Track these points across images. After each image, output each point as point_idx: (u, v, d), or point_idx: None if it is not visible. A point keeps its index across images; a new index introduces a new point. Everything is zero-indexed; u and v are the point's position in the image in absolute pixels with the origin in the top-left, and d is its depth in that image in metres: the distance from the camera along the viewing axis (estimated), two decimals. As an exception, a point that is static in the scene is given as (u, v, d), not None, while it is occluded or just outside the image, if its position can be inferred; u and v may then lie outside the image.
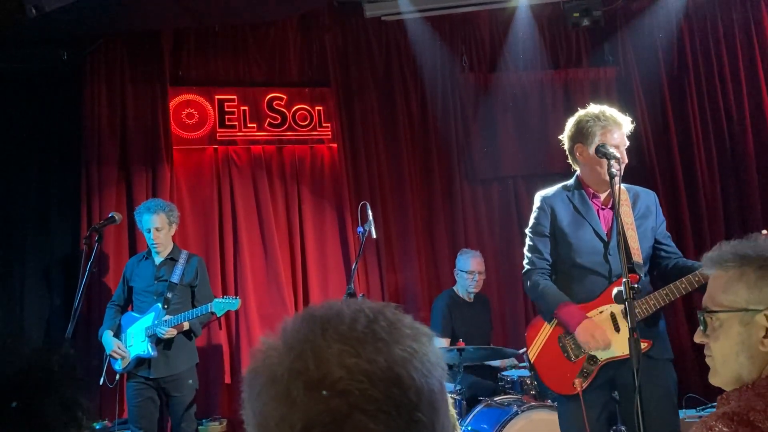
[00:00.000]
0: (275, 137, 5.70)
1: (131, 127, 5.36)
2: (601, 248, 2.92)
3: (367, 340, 0.72)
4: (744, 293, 1.42)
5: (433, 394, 0.72)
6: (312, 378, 0.70)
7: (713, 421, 1.29)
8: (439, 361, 0.77)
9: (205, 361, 5.23)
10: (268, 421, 0.72)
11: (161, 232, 4.28)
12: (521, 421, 3.86)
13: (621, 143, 2.87)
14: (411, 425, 0.70)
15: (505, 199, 6.03)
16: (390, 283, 5.68)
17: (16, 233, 5.04)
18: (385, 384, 0.70)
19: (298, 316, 0.79)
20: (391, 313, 0.78)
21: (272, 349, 0.76)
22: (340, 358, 0.71)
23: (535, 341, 3.03)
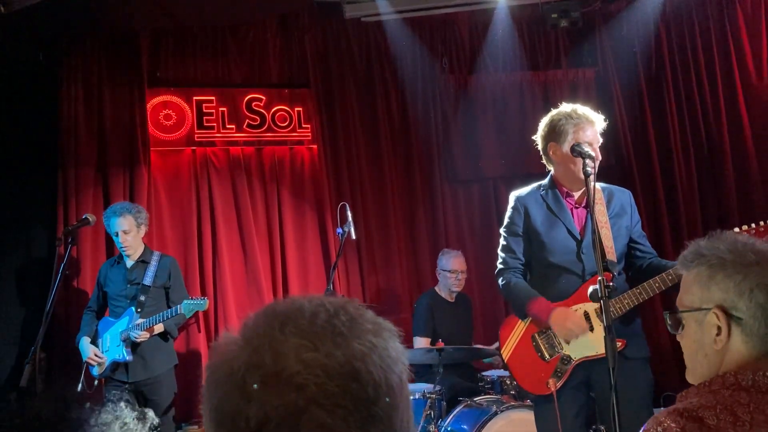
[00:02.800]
0: (254, 138, 5.67)
1: (108, 128, 5.31)
2: (574, 247, 2.93)
3: (325, 335, 0.71)
4: (698, 292, 1.44)
5: (391, 389, 0.72)
6: (269, 372, 0.70)
7: (663, 417, 1.30)
8: (400, 356, 0.76)
9: (184, 364, 5.18)
10: (224, 416, 0.71)
11: (129, 235, 4.24)
12: (500, 421, 3.87)
13: (594, 140, 2.88)
14: (368, 420, 0.69)
15: (485, 199, 6.04)
16: (371, 284, 5.67)
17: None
18: (342, 378, 0.69)
19: (260, 311, 0.78)
20: (353, 308, 0.77)
21: (231, 343, 0.75)
22: (297, 352, 0.70)
23: (509, 340, 3.04)
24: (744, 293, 1.36)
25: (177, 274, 4.46)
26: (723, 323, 1.39)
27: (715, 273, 1.40)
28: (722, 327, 1.39)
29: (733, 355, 1.38)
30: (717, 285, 1.39)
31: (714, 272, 1.40)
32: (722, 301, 1.39)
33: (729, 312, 1.38)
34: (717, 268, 1.40)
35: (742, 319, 1.37)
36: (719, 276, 1.39)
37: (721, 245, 1.42)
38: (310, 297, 0.78)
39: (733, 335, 1.38)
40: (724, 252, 1.40)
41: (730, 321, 1.38)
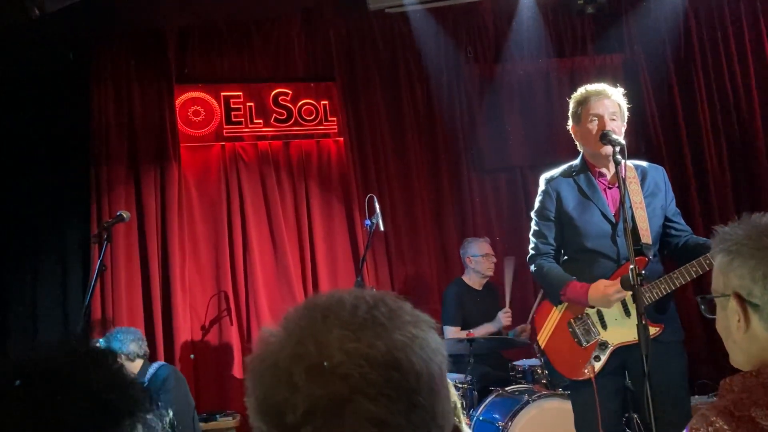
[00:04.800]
0: (281, 132, 5.71)
1: (138, 125, 5.39)
2: (609, 231, 2.89)
3: (367, 326, 0.73)
4: (720, 278, 1.41)
5: (432, 378, 0.73)
6: (313, 362, 0.71)
7: (714, 416, 1.25)
8: (440, 347, 0.78)
9: (217, 356, 5.29)
10: (270, 407, 0.73)
11: None
12: (533, 410, 3.86)
13: (606, 111, 2.86)
14: (411, 409, 0.71)
15: (512, 188, 6.02)
16: (399, 274, 5.69)
17: (29, 233, 5.07)
18: (385, 368, 0.71)
19: (300, 305, 0.80)
20: (392, 301, 0.79)
21: (274, 336, 0.77)
22: (340, 343, 0.72)
23: (544, 327, 3.03)
24: (758, 279, 1.33)
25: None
26: (740, 310, 1.36)
27: (732, 259, 1.37)
28: (740, 314, 1.36)
29: (762, 342, 1.34)
30: (734, 271, 1.37)
31: (731, 258, 1.38)
32: (738, 287, 1.36)
33: (745, 298, 1.35)
34: (734, 254, 1.37)
35: (759, 305, 1.33)
36: (736, 262, 1.37)
37: (740, 230, 1.39)
38: (348, 290, 0.80)
39: (752, 322, 1.35)
40: (741, 237, 1.37)
41: (746, 307, 1.35)
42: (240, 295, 5.41)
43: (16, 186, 5.03)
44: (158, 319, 5.11)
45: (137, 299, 5.13)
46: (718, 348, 4.45)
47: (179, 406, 4.19)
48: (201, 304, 5.37)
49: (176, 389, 4.24)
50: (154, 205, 5.31)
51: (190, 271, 5.36)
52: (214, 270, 5.44)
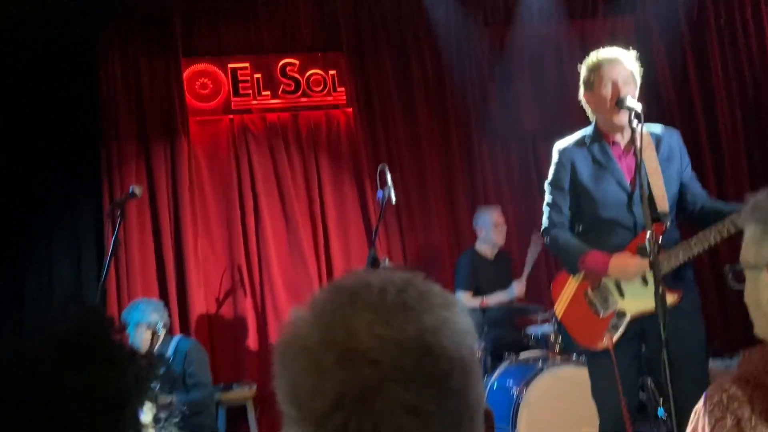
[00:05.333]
0: (290, 104, 5.67)
1: (147, 100, 5.36)
2: (625, 199, 2.86)
3: (396, 310, 0.72)
4: (753, 249, 1.35)
5: (464, 362, 0.72)
6: (343, 348, 0.70)
7: (728, 383, 1.24)
8: (470, 329, 0.76)
9: (233, 329, 5.34)
10: (300, 392, 0.72)
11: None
12: (547, 377, 3.89)
13: (619, 77, 2.81)
14: (443, 394, 0.70)
15: (523, 156, 5.98)
16: (411, 244, 5.70)
17: (42, 211, 5.09)
18: (415, 353, 0.69)
19: (327, 287, 0.79)
20: (421, 283, 0.77)
21: (302, 320, 0.76)
22: (369, 328, 0.71)
23: (561, 297, 3.02)
24: None
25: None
26: None
27: (766, 230, 1.32)
28: None
29: None
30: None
31: (766, 229, 1.32)
32: None
33: None
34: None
35: None
36: None
37: None
38: (375, 273, 0.79)
39: None
40: None
41: None
42: (253, 267, 5.43)
43: (29, 164, 5.04)
44: (173, 292, 5.15)
45: (151, 274, 5.17)
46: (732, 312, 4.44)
47: (202, 377, 4.25)
48: (215, 277, 5.40)
49: (198, 361, 4.30)
50: (165, 179, 5.31)
51: (203, 245, 5.38)
52: (226, 243, 5.46)
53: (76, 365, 0.90)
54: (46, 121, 5.09)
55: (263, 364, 5.32)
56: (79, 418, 0.86)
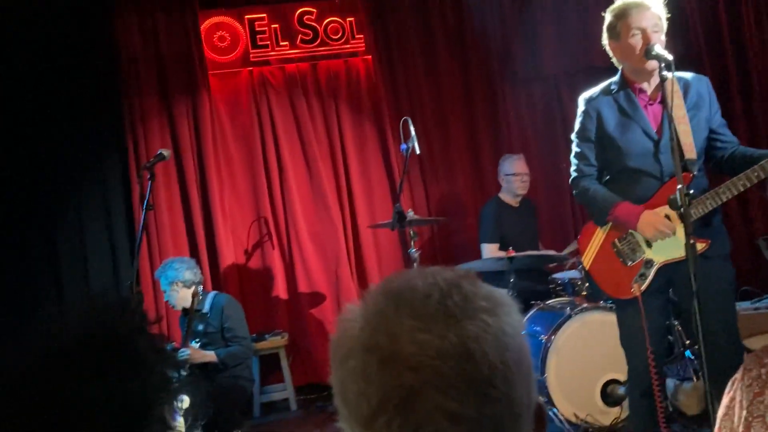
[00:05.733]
0: (308, 54, 5.61)
1: (166, 55, 5.34)
2: (651, 148, 2.83)
3: (438, 316, 0.72)
4: None
5: (508, 367, 0.72)
6: (385, 353, 0.72)
7: (767, 356, 1.23)
8: (516, 332, 0.76)
9: (262, 280, 5.44)
10: (347, 394, 0.75)
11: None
12: (575, 323, 3.92)
13: (648, 24, 2.73)
14: (484, 400, 0.70)
15: (547, 98, 5.88)
16: (434, 193, 5.70)
17: (70, 171, 5.15)
18: (456, 360, 0.70)
19: (377, 287, 0.80)
20: (468, 285, 0.77)
21: (351, 321, 0.77)
22: (411, 334, 0.71)
23: (589, 248, 3.03)
24: None
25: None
26: None
27: None
28: None
29: None
30: None
31: None
32: None
33: None
34: None
35: None
36: None
37: None
38: (424, 273, 0.79)
39: None
40: None
41: None
42: (279, 219, 5.49)
43: (54, 125, 5.07)
44: (203, 248, 5.24)
45: (181, 231, 5.25)
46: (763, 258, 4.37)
47: (239, 331, 4.37)
48: (242, 230, 5.48)
49: (235, 315, 4.41)
50: (188, 135, 5.33)
51: (229, 199, 5.43)
52: (252, 196, 5.51)
53: (97, 372, 0.87)
54: (66, 80, 5.09)
55: (293, 314, 5.44)
56: (100, 430, 0.84)
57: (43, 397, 0.84)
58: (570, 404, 3.82)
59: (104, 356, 0.89)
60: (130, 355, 0.90)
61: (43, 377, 0.85)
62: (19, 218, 4.99)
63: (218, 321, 4.34)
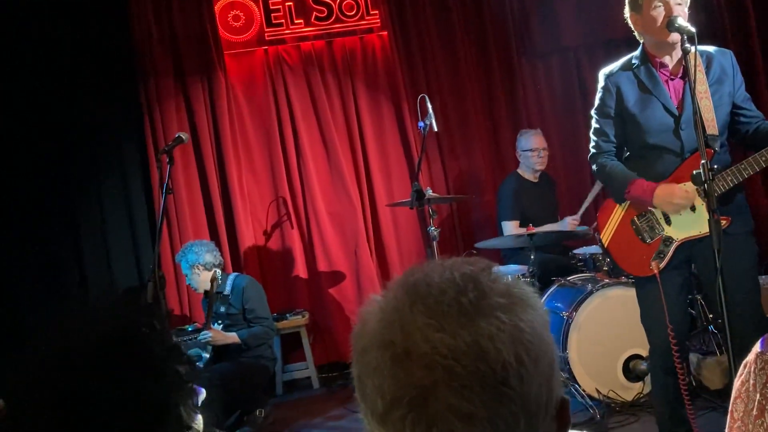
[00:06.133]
0: (323, 31, 5.56)
1: (180, 36, 5.32)
2: (672, 124, 2.78)
3: (452, 314, 0.71)
4: None
5: (523, 365, 0.70)
6: (398, 351, 0.71)
7: None
8: (534, 328, 0.74)
9: (282, 260, 5.47)
10: (364, 389, 0.75)
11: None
12: (597, 299, 3.90)
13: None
14: (498, 400, 0.69)
15: (566, 72, 5.79)
16: (452, 170, 5.67)
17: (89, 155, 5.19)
18: (469, 358, 0.69)
19: (397, 281, 0.79)
20: (486, 280, 0.75)
21: (369, 315, 0.77)
22: (424, 332, 0.71)
23: (607, 225, 3.00)
24: None
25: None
26: None
27: None
28: None
29: None
30: None
31: None
32: None
33: None
34: None
35: None
36: None
37: None
38: (442, 267, 0.77)
39: None
40: None
41: None
42: (297, 198, 5.50)
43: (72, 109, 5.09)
44: (222, 229, 5.27)
45: (200, 213, 5.28)
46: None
47: (260, 312, 4.40)
48: (261, 210, 5.50)
49: (256, 296, 4.45)
50: (205, 116, 5.33)
51: (247, 180, 5.44)
52: (270, 176, 5.51)
53: (114, 373, 0.88)
54: (82, 64, 5.10)
55: (313, 293, 5.47)
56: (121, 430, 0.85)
57: (60, 397, 0.85)
58: (592, 380, 3.82)
59: (120, 357, 0.90)
60: (146, 354, 0.92)
61: (61, 377, 0.87)
62: (40, 204, 5.04)
63: (239, 302, 4.38)
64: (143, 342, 0.93)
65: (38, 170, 5.03)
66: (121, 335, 0.92)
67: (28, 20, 4.95)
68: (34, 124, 5.01)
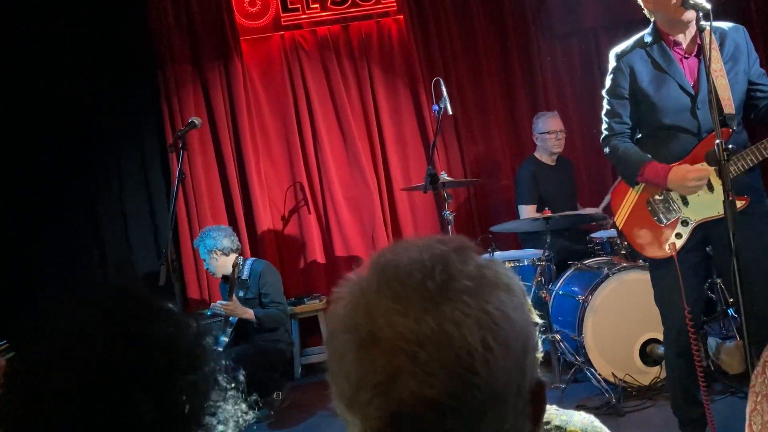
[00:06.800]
0: (340, 15, 5.54)
1: (197, 22, 5.34)
2: (688, 103, 2.73)
3: (417, 298, 0.69)
4: None
5: (489, 351, 0.68)
6: (363, 336, 0.70)
7: None
8: (504, 312, 0.70)
9: (300, 245, 5.49)
10: (334, 372, 0.74)
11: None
12: (613, 282, 3.87)
13: None
14: (463, 388, 0.67)
15: (585, 53, 5.71)
16: (470, 154, 5.63)
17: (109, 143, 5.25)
18: (434, 345, 0.67)
19: (369, 261, 0.76)
20: (456, 262, 0.72)
21: (340, 298, 0.75)
22: (388, 318, 0.68)
23: (622, 207, 2.96)
24: None
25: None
26: None
27: None
28: None
29: None
30: None
31: None
32: None
33: None
34: None
35: None
36: None
37: None
38: (414, 247, 0.75)
39: None
40: None
41: None
42: (314, 183, 5.51)
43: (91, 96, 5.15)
44: (240, 214, 5.31)
45: (218, 198, 5.32)
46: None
47: (276, 296, 4.44)
48: (278, 196, 5.52)
49: (272, 281, 4.48)
50: (223, 102, 5.36)
51: (265, 165, 5.47)
52: (287, 162, 5.53)
53: (155, 317, 0.91)
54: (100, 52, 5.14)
55: (330, 277, 5.49)
56: (163, 368, 0.87)
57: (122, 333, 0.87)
58: (608, 364, 3.80)
59: (157, 306, 0.93)
60: (169, 309, 0.94)
61: (113, 319, 0.89)
62: (61, 191, 5.11)
63: (256, 287, 4.41)
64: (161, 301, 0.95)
65: (58, 158, 5.10)
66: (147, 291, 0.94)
67: (47, 8, 5.00)
68: (54, 112, 5.07)
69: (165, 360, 0.89)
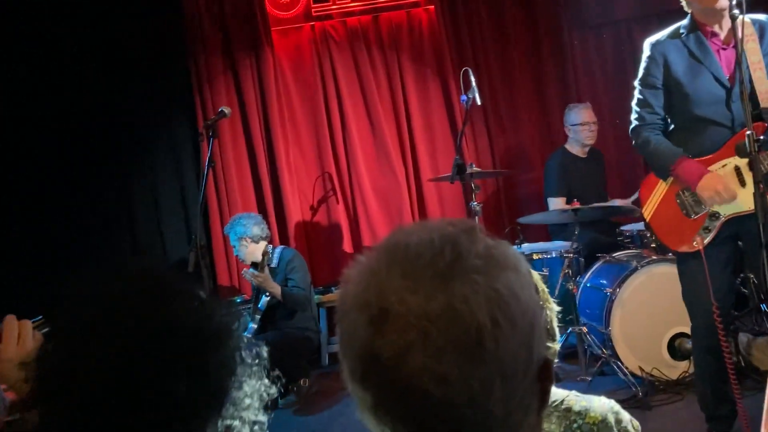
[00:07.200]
0: (370, 6, 5.55)
1: (229, 13, 5.40)
2: (723, 96, 2.68)
3: (426, 276, 0.71)
4: None
5: (498, 327, 0.69)
6: (373, 313, 0.71)
7: None
8: (512, 290, 0.72)
9: (328, 234, 5.54)
10: (345, 349, 0.75)
11: None
12: (642, 276, 3.83)
13: None
14: (472, 362, 0.69)
15: (618, 45, 5.63)
16: (499, 145, 5.60)
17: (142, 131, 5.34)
18: (444, 321, 0.68)
19: (378, 245, 0.79)
20: (466, 241, 0.74)
21: (350, 278, 0.77)
22: (399, 295, 0.70)
23: (650, 200, 2.92)
24: None
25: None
26: None
27: None
28: None
29: None
30: None
31: None
32: None
33: None
34: None
35: None
36: None
37: None
38: (424, 229, 0.76)
39: None
40: None
41: None
42: (343, 174, 5.54)
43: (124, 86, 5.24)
44: (270, 203, 5.37)
45: (248, 187, 5.39)
46: None
47: (300, 281, 4.50)
48: (307, 186, 5.56)
49: (299, 267, 4.54)
50: (253, 92, 5.41)
51: (294, 155, 5.51)
52: (316, 152, 5.57)
53: (184, 297, 0.95)
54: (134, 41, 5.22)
55: (358, 268, 5.51)
56: (193, 346, 0.91)
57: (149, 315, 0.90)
58: (635, 357, 3.77)
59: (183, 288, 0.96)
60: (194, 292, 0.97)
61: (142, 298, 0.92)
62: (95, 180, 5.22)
63: (284, 274, 4.47)
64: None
65: (94, 146, 5.20)
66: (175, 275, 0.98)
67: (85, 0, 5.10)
68: (90, 101, 5.17)
69: (195, 338, 0.92)
